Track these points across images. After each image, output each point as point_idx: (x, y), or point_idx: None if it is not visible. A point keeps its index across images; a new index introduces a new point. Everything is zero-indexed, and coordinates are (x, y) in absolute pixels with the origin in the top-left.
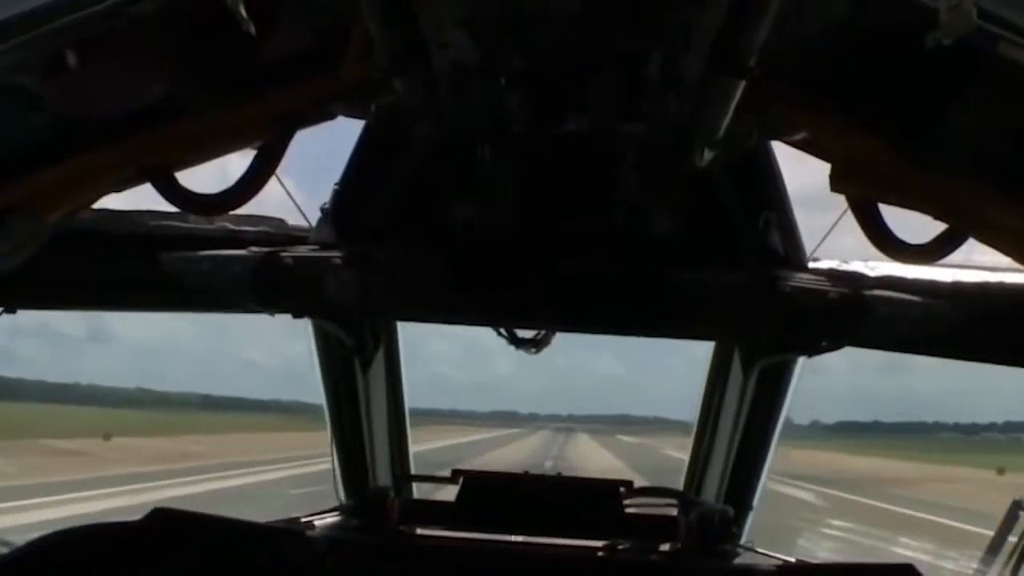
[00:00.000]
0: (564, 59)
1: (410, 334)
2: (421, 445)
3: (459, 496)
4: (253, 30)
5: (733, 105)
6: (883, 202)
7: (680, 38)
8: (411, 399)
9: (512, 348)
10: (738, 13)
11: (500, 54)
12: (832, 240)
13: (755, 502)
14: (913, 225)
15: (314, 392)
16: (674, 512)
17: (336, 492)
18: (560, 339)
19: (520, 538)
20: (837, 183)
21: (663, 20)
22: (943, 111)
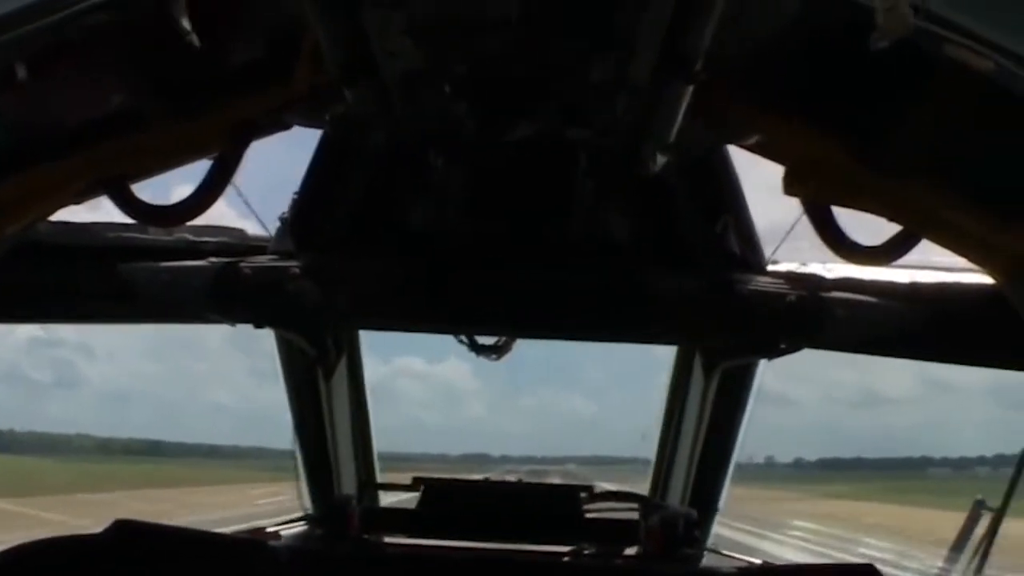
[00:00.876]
0: (507, 66)
1: (381, 375)
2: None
3: (420, 503)
4: (196, 41)
5: (682, 109)
6: (836, 204)
7: (623, 43)
8: (381, 444)
9: (485, 391)
10: (683, 17)
11: (444, 62)
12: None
13: (720, 504)
14: (872, 227)
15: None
16: (637, 516)
17: (300, 501)
18: (530, 379)
19: (483, 545)
20: (790, 186)
21: (604, 26)
22: (895, 113)
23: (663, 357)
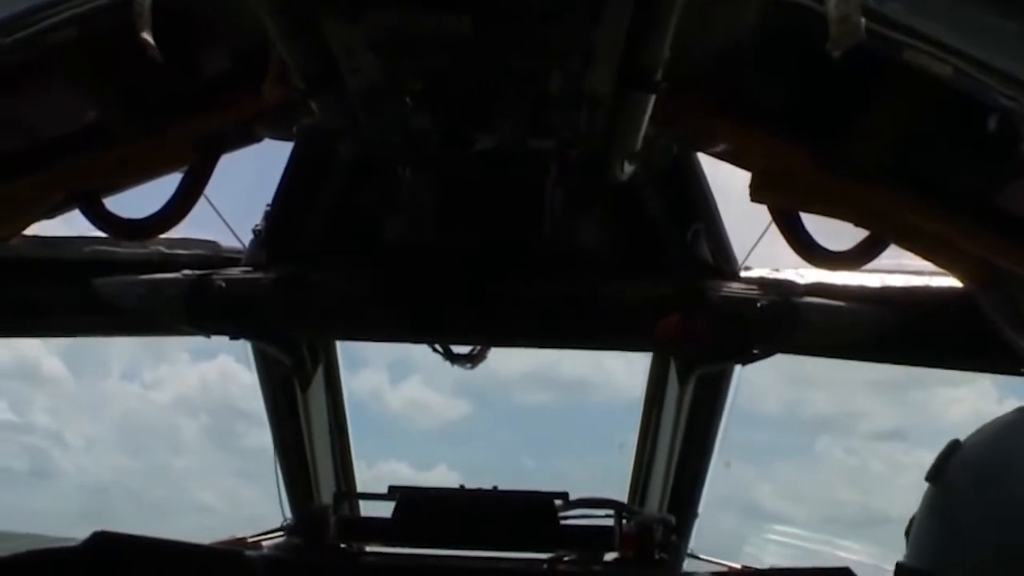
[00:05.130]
0: (466, 79)
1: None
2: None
3: (395, 512)
4: (159, 56)
5: (646, 119)
6: (804, 210)
7: (579, 55)
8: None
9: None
10: (641, 28)
11: (404, 76)
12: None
13: (699, 510)
14: (844, 232)
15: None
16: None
17: (282, 510)
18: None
19: (460, 553)
20: (757, 193)
21: (558, 39)
22: (860, 118)
23: None
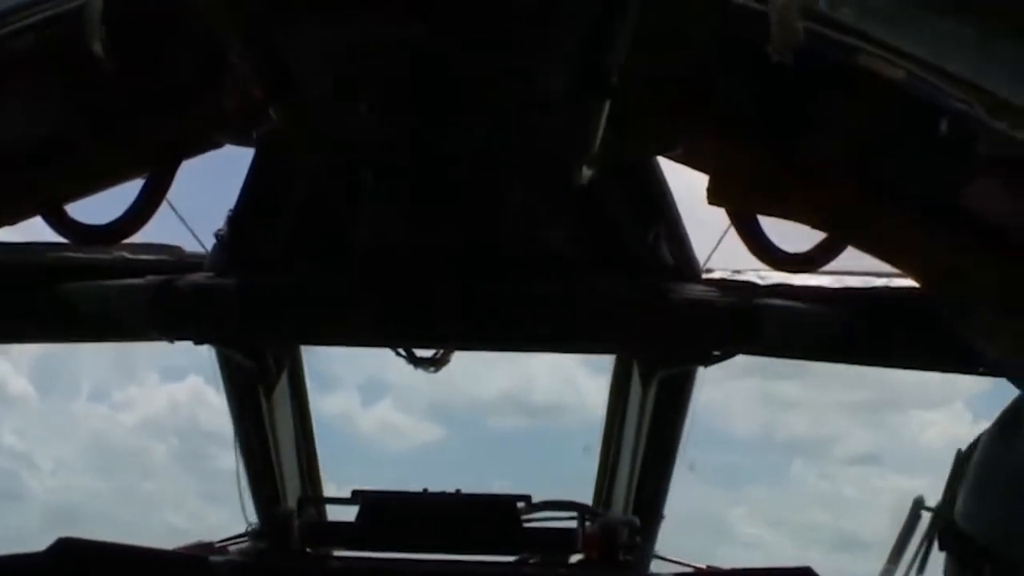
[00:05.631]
0: (420, 84)
1: None
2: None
3: (359, 516)
4: (110, 67)
5: (602, 123)
6: (760, 213)
7: (534, 59)
8: None
9: None
10: (596, 32)
11: (357, 82)
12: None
13: (663, 511)
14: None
15: None
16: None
17: (245, 516)
18: None
19: (424, 556)
20: (714, 196)
21: (514, 42)
22: (815, 119)
23: None
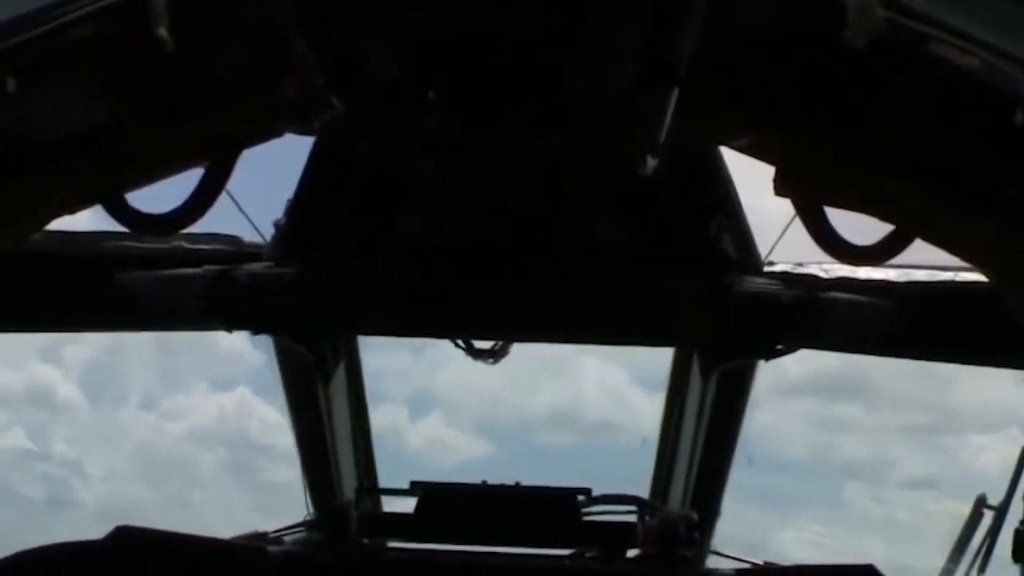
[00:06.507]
0: (486, 74)
1: None
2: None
3: (417, 508)
4: (172, 47)
5: (670, 112)
6: (828, 205)
7: (602, 48)
8: None
9: None
10: (664, 20)
11: (426, 69)
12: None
13: (721, 506)
14: (872, 226)
15: None
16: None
17: (307, 506)
18: None
19: (482, 548)
20: (781, 187)
21: (582, 30)
22: (883, 111)
23: None
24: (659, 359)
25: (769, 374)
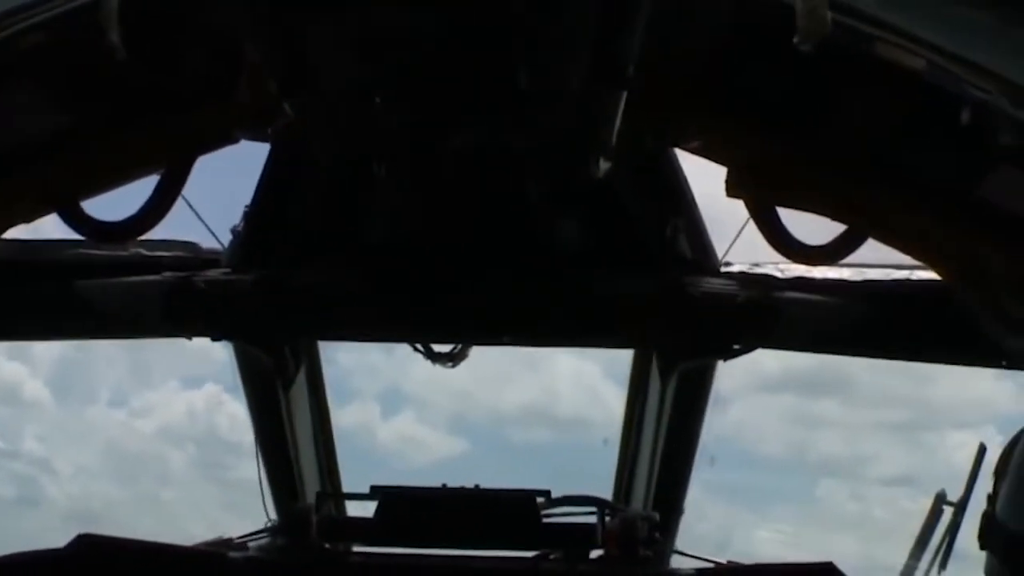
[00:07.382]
0: (437, 77)
1: None
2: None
3: (377, 512)
4: (123, 56)
5: (619, 115)
6: (780, 205)
7: (552, 51)
8: None
9: None
10: (611, 24)
11: (375, 75)
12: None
13: (683, 506)
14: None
15: None
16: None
17: (267, 512)
18: None
19: (443, 552)
20: (733, 188)
21: (531, 34)
22: (835, 112)
23: None
24: (631, 356)
25: (745, 371)
